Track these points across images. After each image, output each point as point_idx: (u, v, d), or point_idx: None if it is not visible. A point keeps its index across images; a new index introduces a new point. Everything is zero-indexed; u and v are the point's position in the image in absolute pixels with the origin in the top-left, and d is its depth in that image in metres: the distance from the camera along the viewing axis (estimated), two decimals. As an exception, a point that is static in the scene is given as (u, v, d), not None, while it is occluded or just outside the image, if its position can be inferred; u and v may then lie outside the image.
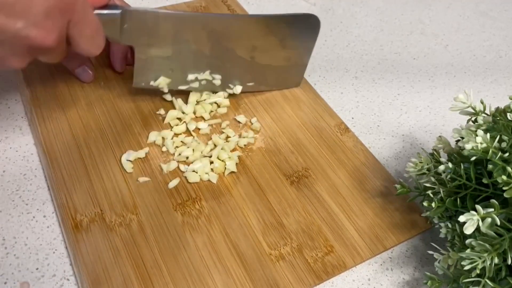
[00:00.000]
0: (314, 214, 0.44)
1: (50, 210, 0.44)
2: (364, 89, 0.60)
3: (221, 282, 0.39)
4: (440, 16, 0.73)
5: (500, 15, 0.74)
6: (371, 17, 0.71)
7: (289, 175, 0.47)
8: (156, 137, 0.49)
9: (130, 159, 0.47)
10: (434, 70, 0.63)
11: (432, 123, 0.56)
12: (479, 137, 0.35)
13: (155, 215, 0.43)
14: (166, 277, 0.39)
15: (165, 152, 0.48)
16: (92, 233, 0.41)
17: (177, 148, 0.48)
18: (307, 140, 0.51)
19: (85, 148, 0.47)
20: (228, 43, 0.49)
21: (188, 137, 0.49)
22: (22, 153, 0.48)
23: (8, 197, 0.44)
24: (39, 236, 0.42)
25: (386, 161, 0.51)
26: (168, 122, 0.50)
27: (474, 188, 0.37)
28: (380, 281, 0.42)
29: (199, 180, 0.46)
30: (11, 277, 0.39)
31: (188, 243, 0.41)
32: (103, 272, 0.39)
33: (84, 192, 0.44)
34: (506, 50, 0.68)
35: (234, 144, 0.49)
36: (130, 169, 0.46)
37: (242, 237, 0.42)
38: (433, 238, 0.45)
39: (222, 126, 0.51)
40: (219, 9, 0.65)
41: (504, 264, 0.34)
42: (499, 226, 0.33)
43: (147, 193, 0.45)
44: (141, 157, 0.47)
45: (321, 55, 0.63)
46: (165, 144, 0.48)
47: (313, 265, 0.41)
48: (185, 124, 0.50)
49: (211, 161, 0.47)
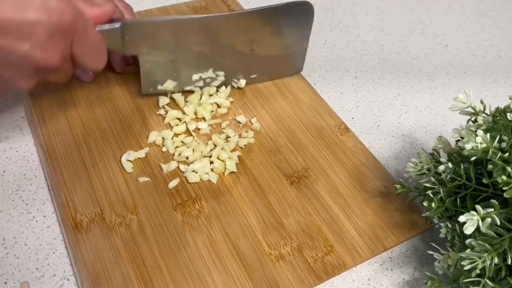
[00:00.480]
0: (314, 214, 0.44)
1: (50, 210, 0.44)
2: (364, 89, 0.60)
3: (221, 282, 0.39)
4: (440, 16, 0.73)
5: (500, 15, 0.74)
6: (371, 17, 0.71)
7: (289, 175, 0.47)
8: (156, 137, 0.49)
9: (130, 159, 0.47)
10: (434, 70, 0.63)
11: (432, 123, 0.56)
12: (479, 137, 0.35)
13: (155, 215, 0.43)
14: (166, 277, 0.39)
15: (165, 152, 0.48)
16: (92, 233, 0.41)
17: (177, 148, 0.48)
18: (307, 140, 0.51)
19: (85, 148, 0.47)
20: (226, 40, 0.51)
21: (188, 137, 0.49)
22: (22, 153, 0.48)
23: (8, 197, 0.44)
24: (39, 236, 0.42)
25: (386, 161, 0.51)
26: (168, 122, 0.50)
27: (474, 188, 0.37)
28: (380, 281, 0.42)
29: (199, 180, 0.46)
30: (11, 277, 0.39)
31: (188, 243, 0.41)
32: (103, 272, 0.39)
33: (84, 192, 0.44)
34: (506, 50, 0.68)
35: (234, 144, 0.49)
36: (130, 169, 0.46)
37: (242, 237, 0.42)
38: (433, 238, 0.45)
39: (222, 126, 0.51)
40: (219, 9, 0.65)
41: (504, 264, 0.34)
42: (499, 226, 0.33)
43: (147, 193, 0.45)
44: (141, 157, 0.47)
45: (321, 55, 0.63)
46: (165, 144, 0.48)
47: (313, 265, 0.41)
48: (185, 124, 0.50)
49: (211, 161, 0.47)
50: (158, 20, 0.48)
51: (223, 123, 0.51)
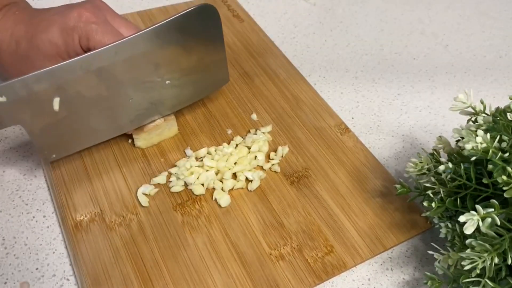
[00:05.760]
0: (314, 214, 0.44)
1: (50, 210, 0.44)
2: (364, 89, 0.60)
3: (221, 282, 0.39)
4: (440, 16, 0.73)
5: (500, 15, 0.74)
6: (371, 17, 0.71)
7: (289, 175, 0.47)
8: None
9: (146, 192, 0.44)
10: (434, 70, 0.63)
11: (432, 123, 0.56)
12: (479, 137, 0.35)
13: (155, 215, 0.43)
14: (166, 277, 0.39)
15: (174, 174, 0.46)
16: (92, 233, 0.41)
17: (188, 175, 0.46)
18: (307, 140, 0.51)
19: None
20: (124, 76, 0.42)
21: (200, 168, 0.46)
22: (22, 153, 0.48)
23: (8, 197, 0.44)
24: (39, 236, 0.42)
25: (386, 161, 0.51)
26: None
27: (474, 188, 0.37)
28: (380, 281, 0.42)
29: (204, 192, 0.45)
30: (11, 277, 0.39)
31: (188, 243, 0.41)
32: (103, 272, 0.39)
33: (84, 192, 0.44)
34: (506, 50, 0.68)
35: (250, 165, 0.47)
36: (146, 203, 0.43)
37: (242, 237, 0.42)
38: (433, 238, 0.45)
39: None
40: (219, 9, 0.65)
41: (504, 264, 0.34)
42: (499, 226, 0.33)
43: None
44: (157, 190, 0.45)
45: (321, 55, 0.63)
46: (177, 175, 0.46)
47: (313, 265, 0.41)
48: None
49: (220, 179, 0.46)
50: (27, 76, 0.38)
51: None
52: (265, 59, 0.60)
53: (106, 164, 0.46)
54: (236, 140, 0.49)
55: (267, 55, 0.60)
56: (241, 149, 0.48)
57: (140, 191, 0.44)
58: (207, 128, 0.51)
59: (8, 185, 0.45)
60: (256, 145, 0.48)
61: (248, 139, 0.49)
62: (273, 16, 0.68)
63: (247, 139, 0.49)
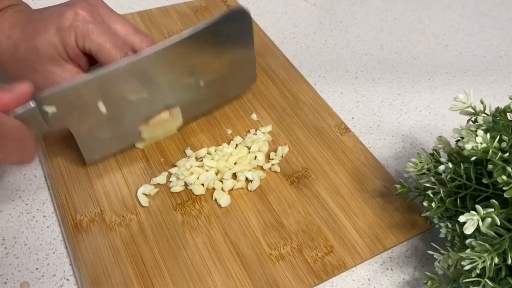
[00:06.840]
0: (314, 214, 0.44)
1: (50, 210, 0.44)
2: (364, 89, 0.60)
3: (221, 282, 0.39)
4: (440, 16, 0.73)
5: (500, 15, 0.74)
6: (371, 17, 0.71)
7: (289, 175, 0.47)
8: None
9: (146, 192, 0.45)
10: (434, 70, 0.63)
11: (432, 123, 0.56)
12: (479, 137, 0.35)
13: (155, 215, 0.43)
14: (166, 277, 0.39)
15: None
16: (92, 233, 0.41)
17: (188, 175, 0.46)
18: (307, 140, 0.51)
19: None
20: (163, 77, 0.45)
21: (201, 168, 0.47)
22: (22, 153, 0.48)
23: (8, 197, 0.44)
24: (39, 236, 0.42)
25: (386, 161, 0.51)
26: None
27: (474, 188, 0.37)
28: (380, 281, 0.42)
29: (204, 192, 0.45)
30: (11, 277, 0.39)
31: (188, 243, 0.41)
32: (103, 272, 0.39)
33: (84, 192, 0.44)
34: (506, 50, 0.68)
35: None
36: (146, 203, 0.44)
37: (242, 237, 0.42)
38: (433, 238, 0.45)
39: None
40: (219, 9, 0.65)
41: (504, 264, 0.34)
42: (499, 226, 0.33)
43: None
44: (157, 190, 0.45)
45: (321, 55, 0.63)
46: (176, 175, 0.46)
47: (313, 265, 0.41)
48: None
49: (220, 179, 0.46)
50: (78, 81, 0.40)
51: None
52: (265, 59, 0.60)
53: (106, 164, 0.46)
54: (236, 140, 0.49)
55: (267, 55, 0.60)
56: (241, 149, 0.48)
57: (140, 191, 0.44)
58: (207, 128, 0.51)
59: (8, 185, 0.45)
60: (256, 145, 0.48)
61: (248, 139, 0.49)
62: (273, 16, 0.68)
63: (247, 139, 0.49)
